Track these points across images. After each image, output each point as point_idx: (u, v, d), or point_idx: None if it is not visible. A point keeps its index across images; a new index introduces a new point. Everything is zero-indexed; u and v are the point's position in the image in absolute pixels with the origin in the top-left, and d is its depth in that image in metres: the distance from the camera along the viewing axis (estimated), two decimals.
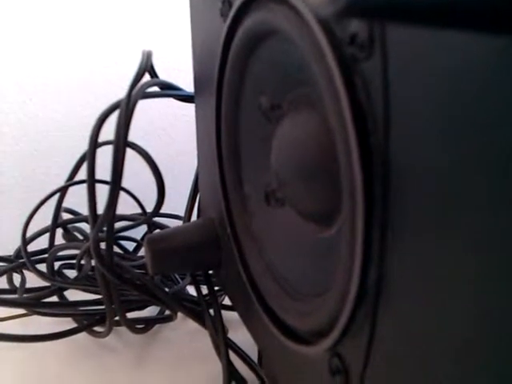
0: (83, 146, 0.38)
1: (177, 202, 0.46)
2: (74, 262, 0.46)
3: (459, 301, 0.14)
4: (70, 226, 0.50)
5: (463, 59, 0.13)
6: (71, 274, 0.47)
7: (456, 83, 0.13)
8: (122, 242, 0.54)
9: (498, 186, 0.12)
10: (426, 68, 0.14)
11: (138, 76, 0.37)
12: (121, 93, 0.36)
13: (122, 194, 0.44)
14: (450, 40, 0.13)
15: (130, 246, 0.55)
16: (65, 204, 0.47)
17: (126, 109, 0.35)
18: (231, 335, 0.39)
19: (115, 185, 0.35)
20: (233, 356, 0.37)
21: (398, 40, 0.15)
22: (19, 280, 0.47)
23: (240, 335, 0.38)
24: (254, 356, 0.38)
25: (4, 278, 0.49)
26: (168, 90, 0.40)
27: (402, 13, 0.10)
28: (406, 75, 0.15)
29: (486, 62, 0.12)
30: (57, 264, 0.47)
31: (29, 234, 0.46)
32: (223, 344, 0.36)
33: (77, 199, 0.46)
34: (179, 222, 0.51)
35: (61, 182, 0.47)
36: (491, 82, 0.12)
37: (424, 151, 0.15)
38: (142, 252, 0.55)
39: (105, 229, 0.37)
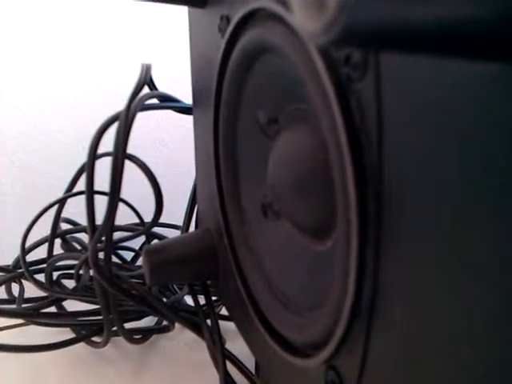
0: (82, 158, 0.38)
1: (175, 212, 0.46)
2: (72, 272, 0.46)
3: (452, 316, 0.14)
4: (68, 236, 0.50)
5: (454, 82, 0.13)
6: (70, 284, 0.47)
7: (447, 104, 0.14)
8: (120, 252, 0.54)
9: (492, 203, 0.13)
10: (418, 88, 0.15)
11: (138, 88, 0.37)
12: (120, 104, 0.36)
13: (121, 205, 0.44)
14: (442, 63, 0.13)
15: (128, 255, 0.55)
16: (64, 214, 0.47)
17: (125, 121, 0.35)
18: (229, 345, 0.39)
19: (114, 196, 0.35)
20: (230, 366, 0.37)
21: (392, 61, 0.15)
22: (18, 290, 0.48)
23: (237, 346, 0.38)
24: (252, 366, 0.39)
25: (3, 288, 0.49)
26: (167, 102, 0.40)
27: (394, 43, 0.10)
28: (399, 95, 0.15)
29: (477, 85, 0.12)
30: (55, 274, 0.48)
31: (28, 244, 0.46)
32: (220, 354, 0.36)
33: (76, 210, 0.46)
34: (177, 232, 0.51)
35: (60, 193, 0.47)
36: (482, 105, 0.12)
37: (416, 169, 0.15)
38: (139, 262, 0.55)
39: (103, 239, 0.37)
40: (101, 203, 0.37)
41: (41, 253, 0.48)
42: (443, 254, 0.14)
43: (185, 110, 0.40)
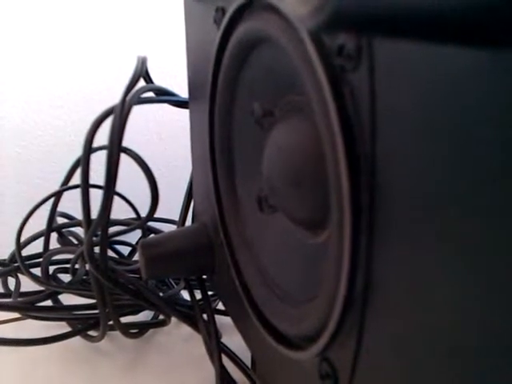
0: (78, 151, 0.38)
1: (171, 206, 0.46)
2: (68, 266, 0.46)
3: (445, 308, 0.14)
4: (64, 230, 0.50)
5: (448, 70, 0.13)
6: (66, 278, 0.47)
7: (441, 94, 0.13)
8: (117, 247, 0.54)
9: (484, 194, 0.12)
10: (412, 79, 0.14)
11: (133, 81, 0.37)
12: (117, 98, 0.36)
13: (117, 199, 0.44)
14: (435, 52, 0.13)
15: (125, 250, 0.55)
16: (60, 208, 0.47)
17: (120, 114, 0.35)
18: (225, 340, 0.39)
19: (109, 189, 0.35)
20: (226, 360, 0.37)
21: (385, 51, 0.15)
22: (14, 284, 0.47)
23: (233, 340, 0.38)
24: (248, 360, 0.39)
25: None
26: (163, 95, 0.40)
27: (383, 27, 0.10)
28: (393, 85, 0.15)
29: (472, 73, 0.12)
30: (51, 268, 0.47)
31: (24, 238, 0.46)
32: (216, 349, 0.36)
33: (72, 204, 0.46)
34: (174, 227, 0.51)
35: (56, 187, 0.47)
36: (475, 93, 0.12)
37: (410, 160, 0.15)
38: (136, 256, 0.55)
39: (99, 233, 0.37)
40: (97, 197, 0.36)
41: (37, 247, 0.48)
42: (436, 246, 0.14)
43: (181, 103, 0.40)
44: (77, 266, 0.45)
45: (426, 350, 0.15)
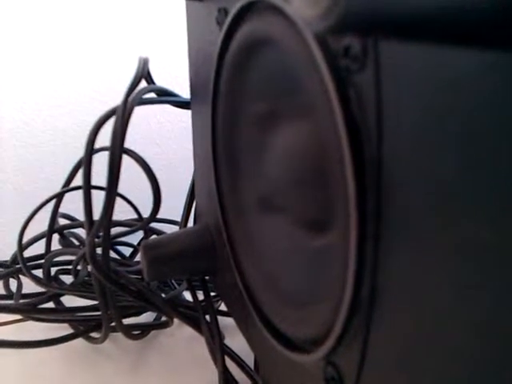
0: (80, 152, 0.38)
1: (174, 207, 0.46)
2: (70, 267, 0.46)
3: (450, 313, 0.14)
4: (66, 231, 0.49)
5: (455, 72, 0.13)
6: (67, 279, 0.47)
7: (447, 95, 0.13)
8: (119, 248, 0.54)
9: (492, 198, 0.12)
10: (418, 80, 0.14)
11: (135, 82, 0.37)
12: (118, 99, 0.36)
13: (119, 200, 0.44)
14: (442, 53, 0.13)
15: (127, 251, 0.55)
16: (62, 210, 0.47)
17: (122, 115, 0.35)
18: (228, 341, 0.39)
19: (111, 191, 0.35)
20: (229, 362, 0.37)
21: (391, 52, 0.15)
22: (16, 285, 0.47)
23: (236, 341, 0.38)
24: (251, 362, 0.38)
25: (0, 284, 0.49)
26: (165, 96, 0.40)
27: (391, 29, 0.10)
28: (399, 87, 0.15)
29: (477, 75, 0.12)
30: (53, 270, 0.47)
31: (25, 239, 0.46)
32: (219, 350, 0.36)
33: (74, 205, 0.46)
34: (176, 228, 0.51)
35: (57, 188, 0.47)
36: (482, 94, 0.12)
37: (416, 163, 0.15)
38: (138, 257, 0.55)
39: (101, 234, 0.37)
40: (99, 198, 0.36)
41: (39, 248, 0.48)
42: (441, 250, 0.14)
43: (183, 104, 0.40)
44: (79, 268, 0.44)
45: (432, 354, 0.15)
